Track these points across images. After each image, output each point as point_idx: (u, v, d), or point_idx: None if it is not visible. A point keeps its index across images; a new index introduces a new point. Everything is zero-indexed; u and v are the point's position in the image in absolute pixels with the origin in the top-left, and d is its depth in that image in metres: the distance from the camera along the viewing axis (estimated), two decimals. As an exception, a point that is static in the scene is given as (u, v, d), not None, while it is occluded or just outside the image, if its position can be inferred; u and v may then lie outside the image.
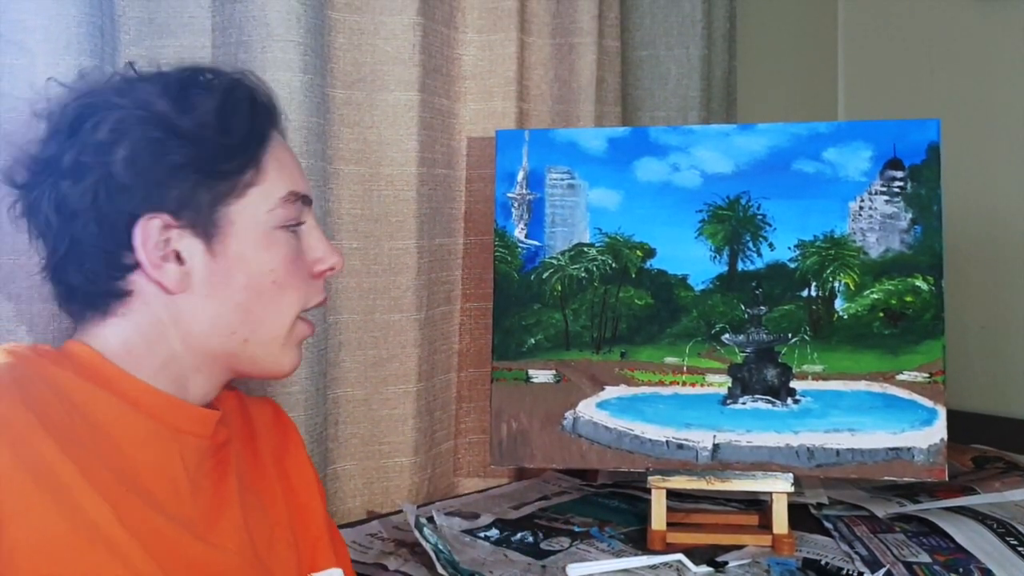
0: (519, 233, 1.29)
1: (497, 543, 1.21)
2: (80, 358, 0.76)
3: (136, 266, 0.76)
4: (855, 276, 1.23)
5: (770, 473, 1.20)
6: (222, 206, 0.78)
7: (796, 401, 1.22)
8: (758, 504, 1.31)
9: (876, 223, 1.23)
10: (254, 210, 0.79)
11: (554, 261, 1.28)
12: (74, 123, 0.76)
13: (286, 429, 0.96)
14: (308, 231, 0.84)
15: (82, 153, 0.74)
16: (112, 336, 0.77)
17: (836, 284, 1.23)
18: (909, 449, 1.18)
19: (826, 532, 1.23)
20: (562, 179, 1.29)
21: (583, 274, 1.28)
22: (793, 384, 1.22)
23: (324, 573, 0.92)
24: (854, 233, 1.24)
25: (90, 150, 0.74)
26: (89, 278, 0.76)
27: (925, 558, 1.13)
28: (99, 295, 0.77)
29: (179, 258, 0.77)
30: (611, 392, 1.25)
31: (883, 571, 1.08)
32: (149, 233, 0.75)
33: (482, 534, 1.24)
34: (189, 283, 0.77)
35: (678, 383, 1.25)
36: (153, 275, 0.76)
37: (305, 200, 0.83)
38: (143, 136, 0.75)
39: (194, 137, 0.76)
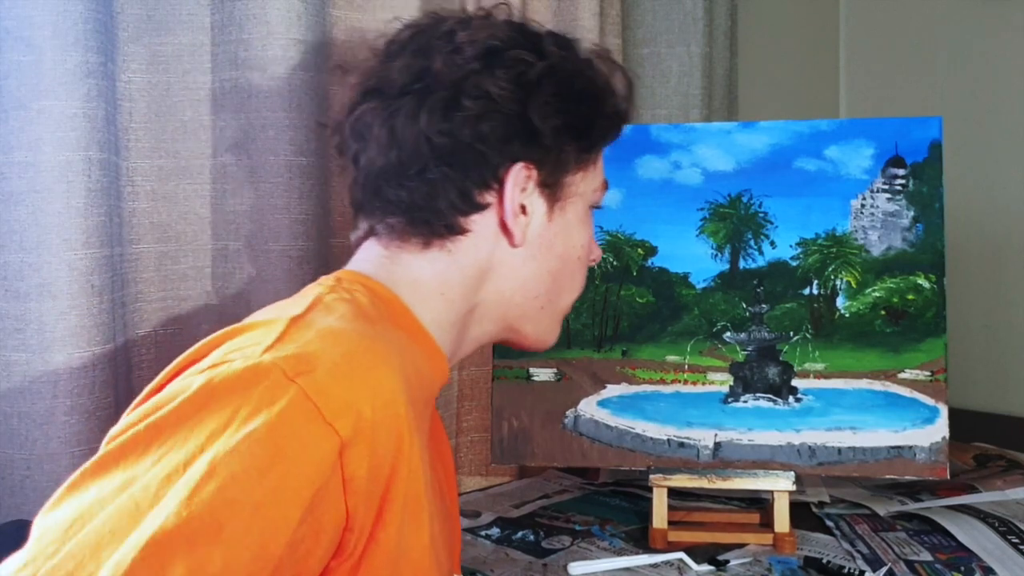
0: (520, 231, 1.29)
1: (498, 542, 1.21)
2: (389, 304, 0.74)
3: (485, 207, 0.76)
4: (857, 274, 1.23)
5: (771, 471, 1.20)
6: (571, 174, 0.80)
7: (798, 399, 1.22)
8: (759, 502, 1.31)
9: (878, 221, 1.23)
10: (587, 186, 0.82)
11: (555, 259, 1.28)
12: (489, 51, 0.75)
13: (438, 418, 0.94)
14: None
15: (497, 84, 0.74)
16: (422, 269, 0.76)
17: (838, 282, 1.23)
18: (911, 447, 1.18)
19: (827, 530, 1.23)
20: (563, 177, 1.29)
21: (584, 272, 1.27)
22: (795, 382, 1.22)
23: None
24: (856, 231, 1.23)
25: (510, 86, 0.74)
26: (436, 204, 0.75)
27: (927, 556, 1.13)
28: (437, 224, 0.76)
29: (524, 211, 0.77)
30: (612, 390, 1.25)
31: (884, 569, 1.08)
32: (518, 180, 0.76)
33: (483, 533, 1.24)
34: (526, 238, 0.78)
35: (679, 381, 1.24)
36: (509, 222, 0.76)
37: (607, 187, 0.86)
38: (557, 90, 0.76)
39: (590, 101, 0.78)
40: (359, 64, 0.80)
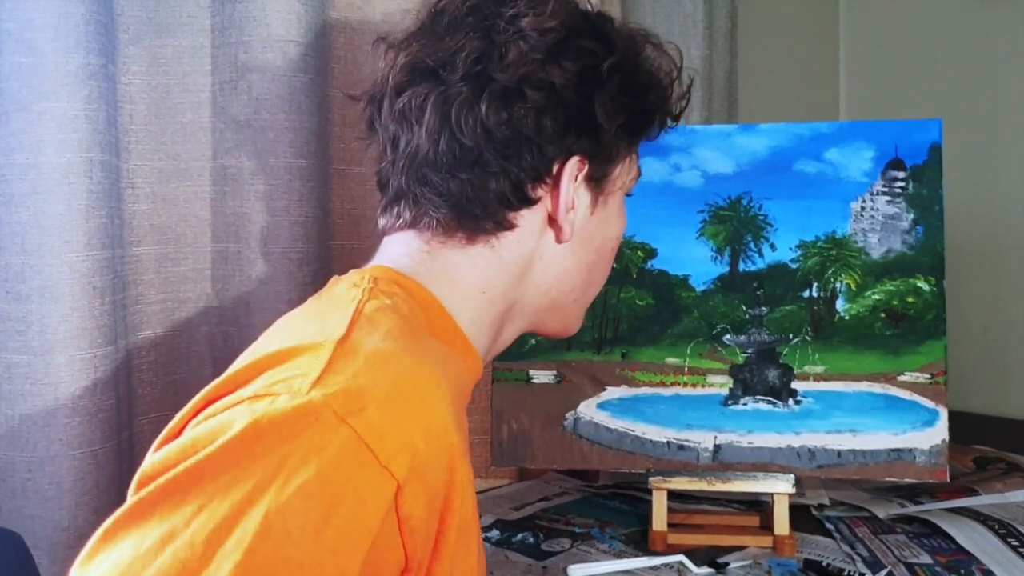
0: (520, 233, 1.29)
1: (498, 544, 1.21)
2: (429, 310, 0.70)
3: (536, 201, 0.73)
4: (856, 277, 1.23)
5: (771, 474, 1.20)
6: (618, 165, 0.77)
7: (797, 402, 1.22)
8: (759, 505, 1.31)
9: (878, 223, 1.23)
10: (627, 176, 0.80)
11: (555, 261, 1.28)
12: (558, 41, 0.72)
13: None
14: None
15: (563, 76, 0.71)
16: (464, 267, 0.73)
17: (837, 285, 1.23)
18: (911, 450, 1.18)
19: (827, 533, 1.23)
20: (563, 179, 1.29)
21: (584, 274, 1.27)
22: (794, 385, 1.22)
23: None
24: (855, 233, 1.23)
25: (577, 78, 0.71)
26: (488, 197, 0.72)
27: (927, 559, 1.13)
28: (485, 220, 0.72)
29: (572, 206, 0.75)
30: (612, 393, 1.25)
31: (884, 572, 1.08)
32: (573, 175, 0.73)
33: (483, 535, 1.24)
34: (573, 233, 0.76)
35: (679, 384, 1.24)
36: (560, 217, 0.74)
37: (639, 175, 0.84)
38: (623, 85, 0.73)
39: (653, 98, 0.77)
40: (405, 36, 0.75)
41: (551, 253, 0.76)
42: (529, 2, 0.73)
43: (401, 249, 0.75)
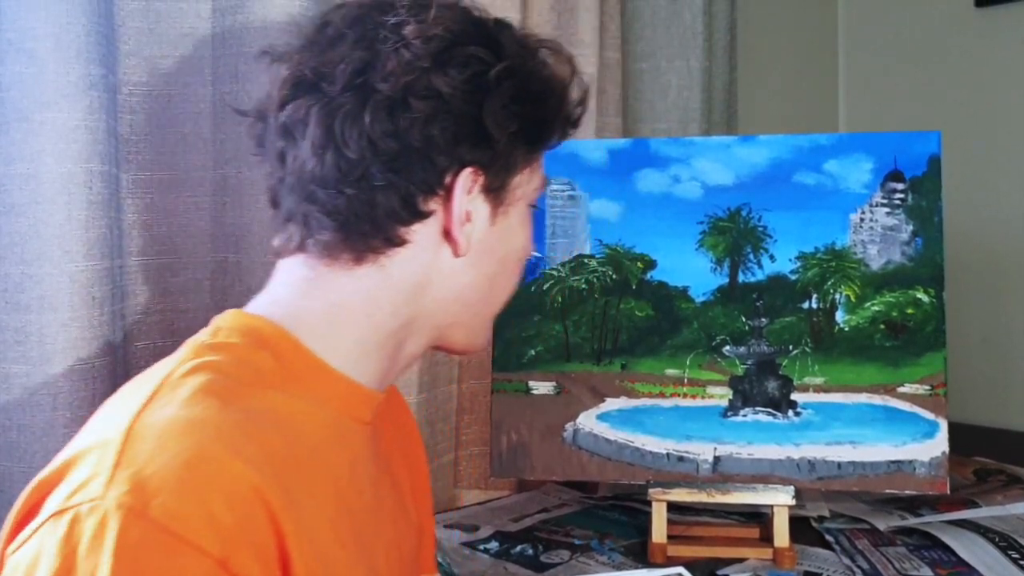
0: (520, 244, 1.29)
1: (497, 556, 1.21)
2: (280, 351, 0.68)
3: (428, 215, 0.70)
4: (856, 288, 1.23)
5: (771, 486, 1.20)
6: (517, 174, 0.74)
7: (797, 413, 1.21)
8: (759, 517, 1.31)
9: (877, 235, 1.23)
10: (529, 186, 0.76)
11: (554, 272, 1.28)
12: (443, 48, 0.69)
13: (411, 419, 0.92)
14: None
15: (450, 84, 0.68)
16: (347, 291, 0.70)
17: (837, 296, 1.23)
18: (911, 462, 1.18)
19: (827, 545, 1.23)
20: (562, 190, 1.29)
21: (583, 285, 1.27)
22: (794, 396, 1.22)
23: None
24: (855, 245, 1.23)
25: (464, 86, 0.69)
26: (376, 215, 0.69)
27: (927, 572, 1.13)
28: (375, 237, 0.70)
29: (468, 218, 0.72)
30: (611, 404, 1.25)
31: None
32: (467, 186, 0.70)
33: (482, 547, 1.24)
34: (470, 247, 0.73)
35: (679, 395, 1.24)
36: (455, 231, 0.71)
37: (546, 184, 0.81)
38: (515, 92, 0.70)
39: (547, 104, 0.74)
40: (289, 50, 0.72)
41: (449, 267, 0.73)
42: (412, 10, 0.70)
43: (282, 279, 0.73)
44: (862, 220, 1.24)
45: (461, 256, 0.72)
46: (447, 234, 0.72)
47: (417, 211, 0.70)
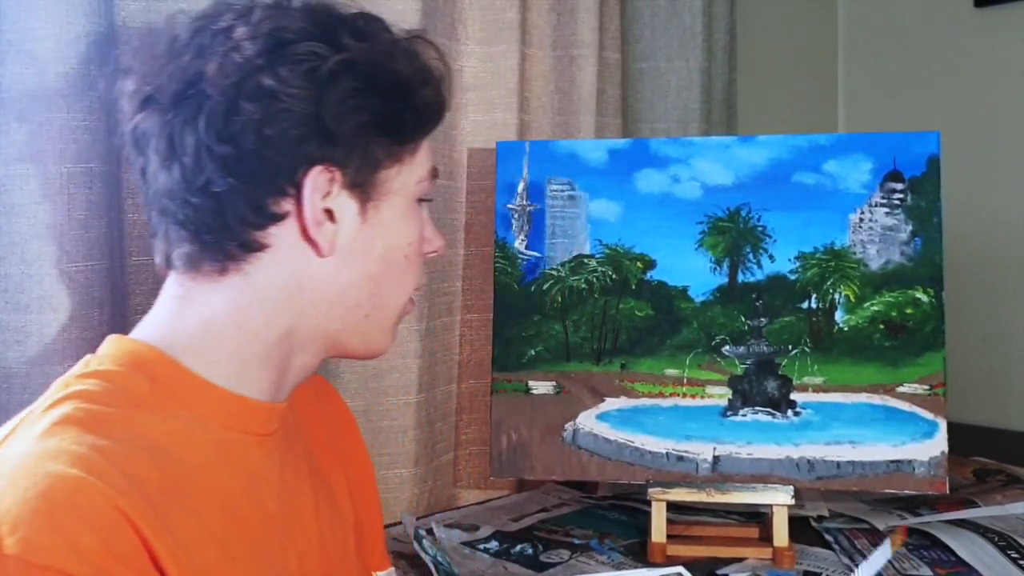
0: (519, 244, 1.29)
1: (497, 555, 1.21)
2: (155, 372, 0.68)
3: (283, 217, 0.68)
4: (855, 288, 1.23)
5: (770, 485, 1.20)
6: (384, 169, 0.72)
7: (796, 413, 1.22)
8: (758, 516, 1.31)
9: (876, 235, 1.23)
10: (406, 178, 0.74)
11: (554, 272, 1.28)
12: (272, 47, 0.67)
13: (344, 410, 0.92)
14: (426, 209, 0.79)
15: (282, 82, 0.66)
16: (215, 304, 0.69)
17: (836, 296, 1.23)
18: (910, 462, 1.18)
19: (827, 545, 1.23)
20: (562, 190, 1.29)
21: (583, 285, 1.28)
22: (793, 396, 1.22)
23: (383, 574, 0.89)
24: (854, 245, 1.24)
25: (300, 82, 0.66)
26: (226, 221, 0.67)
27: (926, 571, 1.13)
28: (230, 244, 0.68)
29: (331, 217, 0.70)
30: (611, 404, 1.25)
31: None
32: (318, 185, 0.68)
33: (482, 546, 1.24)
34: (336, 246, 0.70)
35: (678, 395, 1.24)
36: (311, 232, 0.69)
37: (436, 174, 0.79)
38: (356, 84, 0.68)
39: (396, 95, 0.71)
40: (140, 67, 0.71)
41: (320, 270, 0.71)
42: (239, 13, 0.69)
43: (160, 298, 0.73)
44: (861, 220, 1.24)
45: (326, 257, 0.70)
46: (307, 236, 0.69)
47: (268, 214, 0.68)
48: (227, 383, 0.70)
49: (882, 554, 0.86)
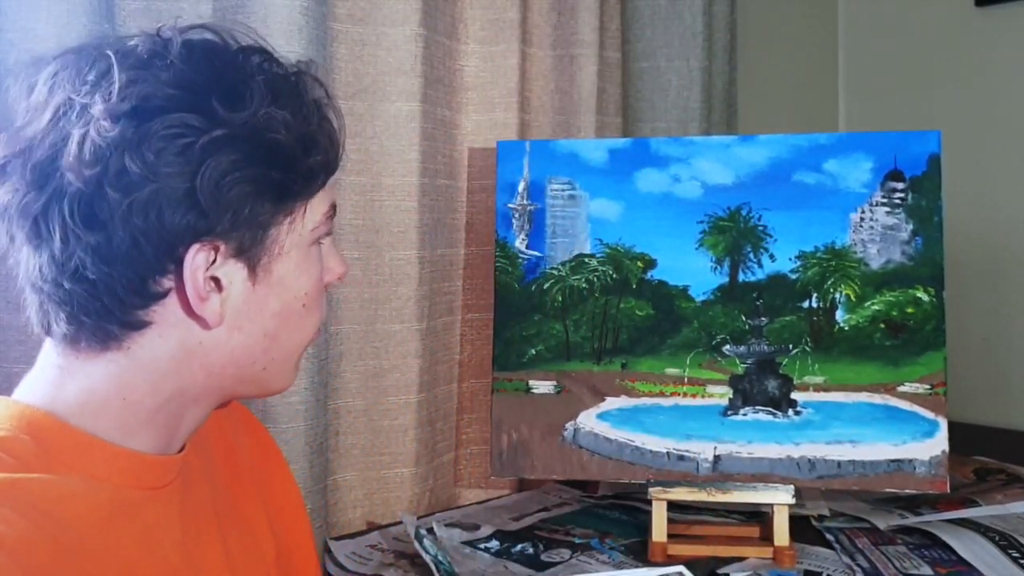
0: (520, 244, 1.29)
1: (497, 554, 1.21)
2: (41, 434, 0.64)
3: (165, 295, 0.64)
4: (856, 287, 1.23)
5: (771, 485, 1.20)
6: (273, 228, 0.67)
7: (797, 412, 1.22)
8: (759, 516, 1.31)
9: (877, 234, 1.23)
10: (301, 229, 0.69)
11: (555, 272, 1.28)
12: (137, 125, 0.61)
13: (263, 438, 0.89)
14: (327, 241, 0.74)
15: (150, 165, 0.61)
16: (95, 378, 0.66)
17: (837, 295, 1.23)
18: (911, 461, 1.18)
19: (827, 544, 1.23)
20: (563, 190, 1.29)
21: (584, 285, 1.28)
22: (794, 395, 1.22)
23: None
24: (855, 244, 1.24)
25: (173, 159, 0.61)
26: (104, 304, 0.63)
27: (927, 571, 1.13)
28: (111, 325, 0.64)
29: (218, 286, 0.65)
30: (612, 403, 1.25)
31: None
32: (199, 262, 0.64)
33: (482, 545, 1.24)
34: (224, 315, 0.66)
35: (679, 394, 1.24)
36: (197, 309, 0.65)
37: (335, 212, 0.73)
38: (236, 157, 0.63)
39: (281, 162, 0.65)
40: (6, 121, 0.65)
41: (210, 339, 0.67)
42: (100, 82, 0.62)
43: (40, 363, 0.69)
44: (862, 219, 1.24)
45: (214, 328, 0.66)
46: (189, 312, 0.65)
47: (148, 294, 0.64)
48: (116, 440, 0.67)
49: None
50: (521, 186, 1.30)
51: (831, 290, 1.23)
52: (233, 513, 0.78)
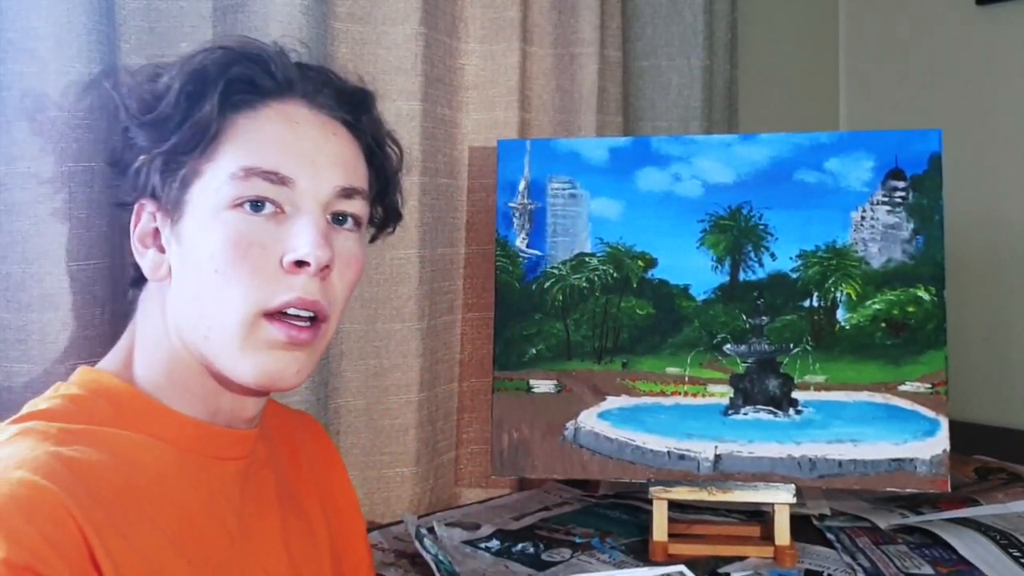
0: (520, 243, 1.29)
1: (498, 554, 1.21)
2: (118, 399, 0.72)
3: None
4: (857, 286, 1.23)
5: (772, 484, 1.20)
6: (188, 186, 0.73)
7: (798, 412, 1.22)
8: (760, 515, 1.31)
9: (878, 233, 1.23)
10: (204, 188, 0.72)
11: (555, 271, 1.28)
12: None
13: (327, 446, 0.94)
14: (291, 217, 0.73)
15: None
16: (140, 327, 0.77)
17: (838, 294, 1.23)
18: (911, 460, 1.18)
19: (828, 543, 1.23)
20: (563, 189, 1.29)
21: (584, 284, 1.28)
22: (795, 395, 1.22)
23: None
24: (856, 243, 1.23)
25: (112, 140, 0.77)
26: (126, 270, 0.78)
27: (928, 570, 1.13)
28: (129, 287, 0.79)
29: (159, 243, 0.75)
30: (612, 402, 1.25)
31: None
32: (140, 219, 0.76)
33: (483, 545, 1.24)
34: (167, 271, 0.74)
35: (679, 393, 1.24)
36: (138, 261, 0.76)
37: (275, 178, 0.72)
38: (117, 125, 0.76)
39: (151, 120, 0.74)
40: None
41: (170, 296, 0.75)
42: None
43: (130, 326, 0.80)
44: (863, 218, 1.24)
45: (153, 280, 0.76)
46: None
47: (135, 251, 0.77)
48: (182, 409, 0.74)
49: None
50: (522, 185, 1.30)
51: (832, 289, 1.23)
52: (293, 503, 0.83)
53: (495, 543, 1.25)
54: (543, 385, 1.26)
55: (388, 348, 1.36)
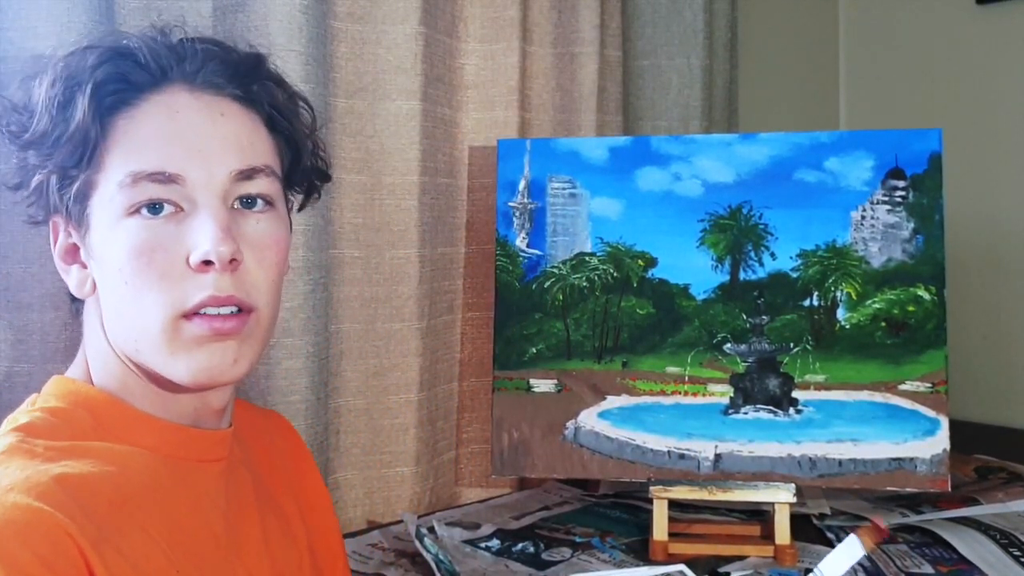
0: (520, 242, 1.29)
1: (498, 553, 1.21)
2: (96, 409, 0.71)
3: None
4: (857, 286, 1.23)
5: (772, 483, 1.20)
6: (86, 200, 0.70)
7: (798, 411, 1.21)
8: (760, 514, 1.31)
9: (878, 232, 1.23)
10: (100, 199, 0.70)
11: (555, 270, 1.28)
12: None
13: (297, 443, 0.94)
14: (189, 215, 0.69)
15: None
16: (88, 332, 0.75)
17: (838, 293, 1.23)
18: (912, 459, 1.18)
19: (828, 543, 1.23)
20: (563, 188, 1.29)
21: (584, 283, 1.28)
22: (795, 394, 1.22)
23: None
24: (856, 242, 1.23)
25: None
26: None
27: (928, 569, 1.13)
28: (71, 304, 0.78)
29: (78, 258, 0.73)
30: (612, 402, 1.25)
31: None
32: (56, 236, 0.74)
33: (483, 544, 1.24)
34: (91, 287, 0.72)
35: (680, 393, 1.24)
36: (64, 278, 0.74)
37: (162, 178, 0.68)
38: (9, 147, 0.73)
39: (29, 140, 0.70)
40: None
41: (104, 308, 0.73)
42: None
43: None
44: (863, 218, 1.24)
45: (79, 297, 0.75)
46: None
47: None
48: (157, 413, 0.73)
49: (848, 553, 0.79)
50: (522, 184, 1.30)
51: (832, 288, 1.23)
52: (270, 502, 0.82)
53: (495, 542, 1.25)
54: (543, 384, 1.26)
55: (388, 348, 1.36)
